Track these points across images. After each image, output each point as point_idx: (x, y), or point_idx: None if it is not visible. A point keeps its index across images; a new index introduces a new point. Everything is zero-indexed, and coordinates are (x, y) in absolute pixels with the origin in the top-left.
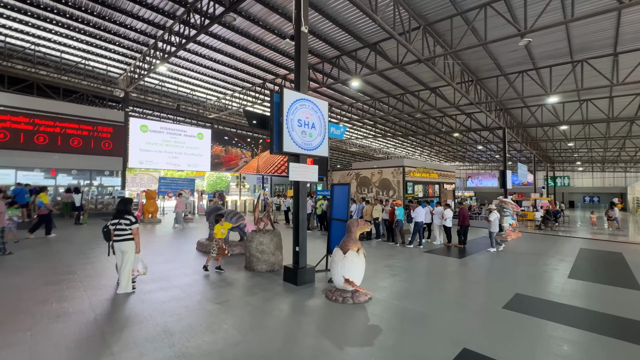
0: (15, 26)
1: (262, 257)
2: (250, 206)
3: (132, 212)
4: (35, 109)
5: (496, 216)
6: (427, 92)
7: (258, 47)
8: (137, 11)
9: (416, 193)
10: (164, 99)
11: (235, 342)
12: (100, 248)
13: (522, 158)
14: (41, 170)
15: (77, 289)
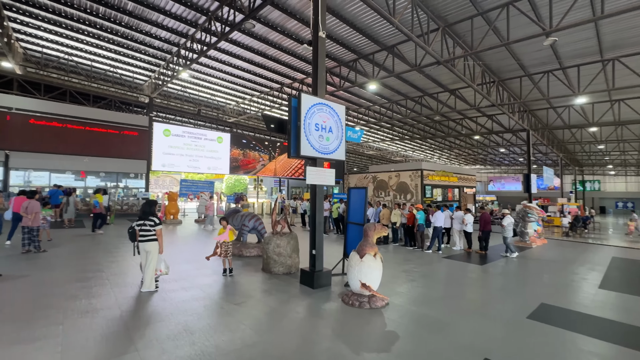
0: (51, 37)
1: (279, 260)
2: (267, 209)
3: (156, 214)
4: (68, 115)
5: (510, 221)
6: (446, 94)
7: (276, 52)
8: (162, 21)
9: (435, 197)
10: (185, 104)
11: (253, 342)
12: (125, 247)
13: (547, 161)
14: (72, 172)
15: (104, 286)
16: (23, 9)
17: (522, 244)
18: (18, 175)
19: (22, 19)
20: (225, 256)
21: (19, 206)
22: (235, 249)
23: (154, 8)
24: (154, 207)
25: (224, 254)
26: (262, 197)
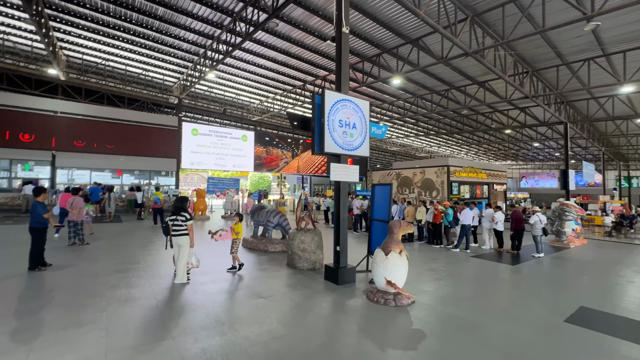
0: (90, 44)
1: (304, 256)
2: (290, 205)
3: (187, 210)
4: (106, 117)
5: (536, 219)
6: (475, 86)
7: (298, 50)
8: (190, 24)
9: (462, 194)
10: (212, 103)
11: (280, 335)
12: (159, 241)
13: (587, 156)
14: (110, 170)
15: (140, 277)
16: (66, 19)
17: (559, 244)
18: (63, 173)
19: (65, 29)
20: (232, 252)
21: (65, 202)
22: (260, 244)
23: (182, 12)
24: (185, 203)
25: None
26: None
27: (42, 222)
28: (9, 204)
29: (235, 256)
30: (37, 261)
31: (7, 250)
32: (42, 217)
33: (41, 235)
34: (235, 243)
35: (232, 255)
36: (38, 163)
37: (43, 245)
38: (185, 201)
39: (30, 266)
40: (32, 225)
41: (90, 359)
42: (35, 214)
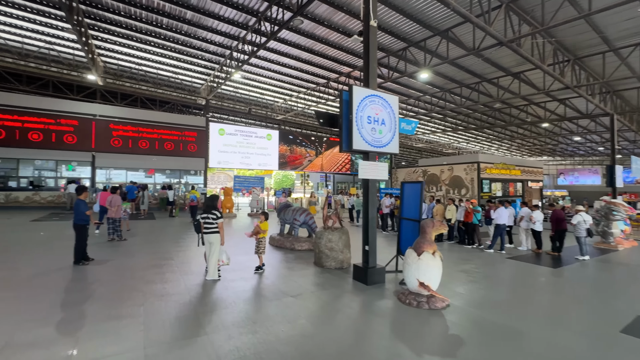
0: (124, 50)
1: (331, 255)
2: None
3: (218, 208)
4: (139, 119)
5: (580, 219)
6: (509, 78)
7: (322, 47)
8: (216, 26)
9: (494, 192)
10: (237, 104)
11: (310, 334)
12: (190, 238)
13: (637, 150)
14: (143, 170)
15: (174, 273)
16: (103, 27)
17: (606, 246)
18: (101, 173)
19: (103, 36)
20: (257, 252)
21: (104, 200)
22: (287, 242)
23: (209, 14)
24: (216, 201)
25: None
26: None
27: (84, 219)
28: (55, 202)
29: (261, 256)
30: (81, 256)
31: (54, 244)
32: (84, 215)
33: (83, 231)
34: (262, 243)
35: (259, 255)
36: (80, 163)
37: (85, 241)
38: (216, 200)
39: (75, 260)
40: (76, 222)
41: (130, 351)
42: (78, 212)
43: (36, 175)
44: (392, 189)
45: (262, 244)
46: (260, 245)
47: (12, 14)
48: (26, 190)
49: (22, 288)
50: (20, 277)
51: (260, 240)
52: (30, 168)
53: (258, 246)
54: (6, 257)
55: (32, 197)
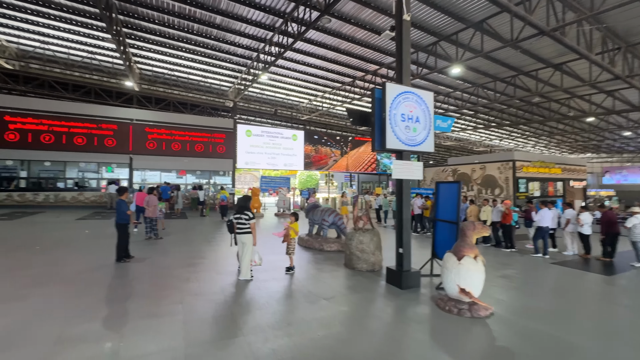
0: (158, 57)
1: (362, 256)
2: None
3: (250, 209)
4: (172, 122)
5: (636, 221)
6: (549, 70)
7: (348, 45)
8: (244, 29)
9: (531, 191)
10: (263, 105)
11: (345, 339)
12: (220, 237)
13: None
14: (176, 171)
15: (208, 272)
16: (139, 35)
17: None
18: (137, 174)
19: (139, 44)
20: (288, 253)
21: (140, 200)
22: (316, 243)
23: (238, 18)
24: (248, 202)
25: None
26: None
27: (125, 218)
28: (97, 201)
29: (292, 257)
30: (123, 253)
31: (98, 242)
32: (125, 214)
33: (125, 230)
34: (292, 244)
35: (289, 255)
36: (119, 165)
37: (127, 239)
38: (249, 200)
39: (117, 258)
40: (118, 221)
41: (171, 350)
42: (119, 212)
43: (80, 176)
44: (420, 189)
45: (292, 244)
46: (290, 246)
47: (59, 27)
48: (72, 190)
49: (70, 283)
50: (68, 272)
51: (290, 241)
52: (75, 170)
53: (288, 247)
54: (56, 254)
55: (77, 197)
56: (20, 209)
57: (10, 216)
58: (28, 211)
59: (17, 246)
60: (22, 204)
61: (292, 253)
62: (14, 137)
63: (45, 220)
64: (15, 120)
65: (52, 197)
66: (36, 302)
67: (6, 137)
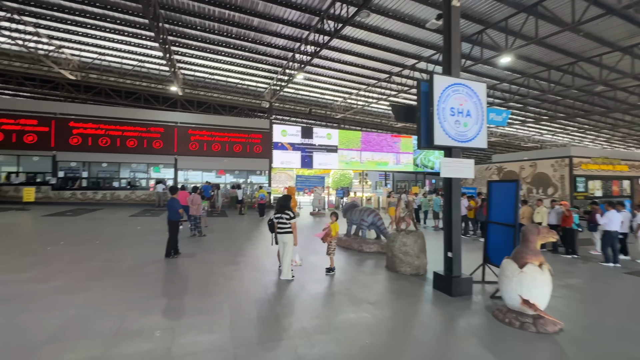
0: (200, 62)
1: (406, 259)
2: (375, 203)
3: (291, 208)
4: (212, 124)
5: None
6: (616, 55)
7: (386, 40)
8: (280, 30)
9: (591, 191)
10: (298, 105)
11: (397, 351)
12: (260, 235)
13: None
14: (216, 170)
15: (250, 270)
16: (182, 42)
17: None
18: (181, 174)
19: (182, 51)
20: (328, 253)
21: (183, 199)
22: (355, 244)
23: (275, 19)
24: (289, 201)
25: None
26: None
27: (177, 216)
28: (147, 199)
29: (332, 258)
30: (172, 249)
31: (148, 237)
32: (177, 212)
33: (176, 226)
34: (332, 244)
35: (330, 256)
36: (165, 166)
37: (177, 235)
38: (289, 200)
39: (166, 253)
40: (170, 218)
41: (221, 349)
42: (172, 209)
43: (132, 176)
44: (464, 188)
45: (332, 245)
46: (331, 246)
47: (114, 38)
48: (125, 189)
49: (126, 277)
50: (124, 267)
51: (331, 241)
52: (128, 170)
53: (329, 247)
54: (113, 249)
55: (130, 195)
56: (82, 206)
57: (75, 212)
58: (89, 208)
59: (81, 241)
60: (84, 201)
61: (333, 254)
62: (77, 141)
63: (103, 217)
64: (78, 126)
65: (108, 196)
66: (96, 294)
67: (71, 142)
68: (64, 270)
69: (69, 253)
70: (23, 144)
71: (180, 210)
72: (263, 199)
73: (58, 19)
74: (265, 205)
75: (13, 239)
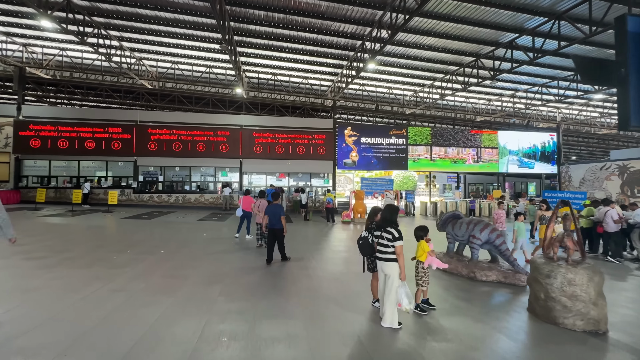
0: (263, 62)
1: (574, 307)
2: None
3: (397, 224)
4: (275, 125)
5: None
6: None
7: (465, 29)
8: (350, 12)
9: None
10: (363, 101)
11: None
12: (335, 248)
13: None
14: (277, 173)
15: (335, 304)
16: (247, 42)
17: None
18: (247, 177)
19: (247, 51)
20: (419, 284)
21: (247, 205)
22: (463, 268)
23: (344, 1)
24: (395, 214)
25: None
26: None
27: (280, 223)
28: (214, 203)
29: (425, 291)
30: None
31: (211, 248)
32: (280, 220)
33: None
34: (425, 273)
35: (421, 289)
36: (231, 169)
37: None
38: (396, 212)
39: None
40: (272, 226)
41: None
42: (276, 216)
43: (202, 180)
44: (558, 192)
45: (425, 274)
46: (423, 276)
47: (184, 45)
48: (195, 192)
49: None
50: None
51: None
52: (198, 174)
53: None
54: (174, 261)
55: (199, 198)
56: (158, 208)
57: (150, 215)
58: (163, 211)
59: (148, 249)
60: (160, 204)
61: (425, 286)
62: (154, 146)
63: (174, 221)
64: (155, 132)
65: (180, 199)
66: (182, 298)
67: (149, 147)
68: (122, 288)
69: (135, 263)
70: (110, 150)
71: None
72: (330, 203)
73: (136, 29)
74: (334, 209)
75: (83, 244)
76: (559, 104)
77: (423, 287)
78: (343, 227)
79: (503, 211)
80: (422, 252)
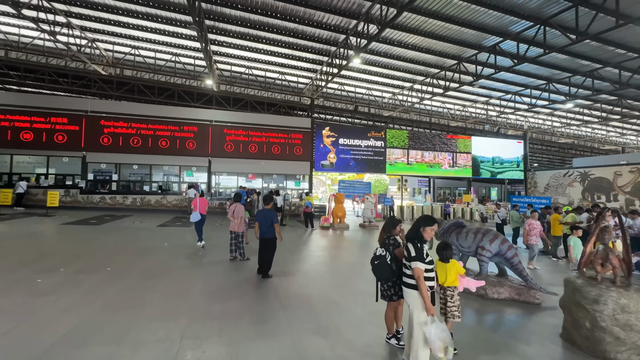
0: (237, 53)
1: (629, 339)
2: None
3: (423, 239)
4: (249, 122)
5: None
6: None
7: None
8: (336, 3)
9: None
10: (342, 101)
11: None
12: (324, 261)
13: None
14: (249, 174)
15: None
16: (219, 27)
17: None
18: (215, 178)
19: (219, 39)
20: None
21: (202, 208)
22: None
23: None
24: (431, 223)
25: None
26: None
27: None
28: (178, 205)
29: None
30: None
31: (175, 263)
32: (272, 227)
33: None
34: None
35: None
36: (198, 169)
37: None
38: (430, 223)
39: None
40: (265, 236)
41: None
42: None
43: (164, 180)
44: (525, 198)
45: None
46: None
47: (147, 27)
48: (156, 194)
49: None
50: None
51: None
52: (160, 173)
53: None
54: (122, 287)
55: (161, 200)
56: (110, 211)
57: (100, 220)
58: (117, 215)
59: (86, 267)
60: (113, 206)
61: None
62: (107, 140)
63: (129, 227)
64: (109, 125)
65: (138, 201)
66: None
67: (101, 141)
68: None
69: (67, 288)
70: (53, 144)
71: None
72: (309, 208)
73: (88, 3)
74: (313, 214)
75: (1, 260)
76: (527, 112)
77: (458, 318)
78: (322, 233)
79: (538, 222)
80: (454, 275)
